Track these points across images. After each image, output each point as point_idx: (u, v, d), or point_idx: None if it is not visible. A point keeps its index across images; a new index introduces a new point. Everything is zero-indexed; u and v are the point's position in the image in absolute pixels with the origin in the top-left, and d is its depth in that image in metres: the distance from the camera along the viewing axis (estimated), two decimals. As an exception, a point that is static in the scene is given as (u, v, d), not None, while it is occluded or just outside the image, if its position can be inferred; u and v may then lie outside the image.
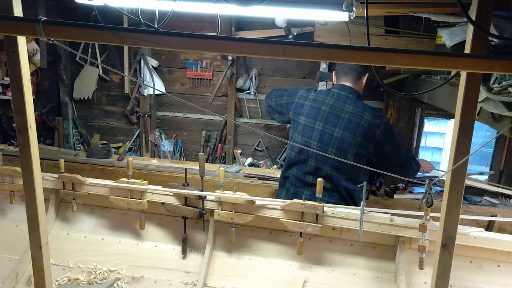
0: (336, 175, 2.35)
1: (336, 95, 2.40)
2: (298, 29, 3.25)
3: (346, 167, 2.32)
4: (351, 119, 2.32)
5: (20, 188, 2.15)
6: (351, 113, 2.33)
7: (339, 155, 2.31)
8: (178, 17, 3.17)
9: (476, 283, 1.92)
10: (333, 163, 2.34)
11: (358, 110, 2.33)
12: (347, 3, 1.61)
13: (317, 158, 2.37)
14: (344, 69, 2.45)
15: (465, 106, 1.36)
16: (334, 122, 2.34)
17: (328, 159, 2.33)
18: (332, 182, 2.37)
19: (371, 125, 2.30)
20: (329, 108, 2.37)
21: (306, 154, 2.41)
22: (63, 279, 2.05)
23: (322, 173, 2.37)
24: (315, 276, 2.03)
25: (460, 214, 1.47)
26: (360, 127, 2.30)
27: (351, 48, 1.11)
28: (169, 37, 1.13)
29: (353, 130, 2.30)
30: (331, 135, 2.34)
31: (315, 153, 2.34)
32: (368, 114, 2.32)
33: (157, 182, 2.94)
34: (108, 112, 3.92)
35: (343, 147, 2.31)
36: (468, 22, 1.26)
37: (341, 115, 2.34)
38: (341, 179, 2.36)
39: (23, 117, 1.50)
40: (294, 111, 2.49)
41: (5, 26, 1.21)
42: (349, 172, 2.34)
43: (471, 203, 3.09)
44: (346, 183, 2.36)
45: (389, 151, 2.33)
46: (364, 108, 2.35)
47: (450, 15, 2.33)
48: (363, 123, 2.30)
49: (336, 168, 2.34)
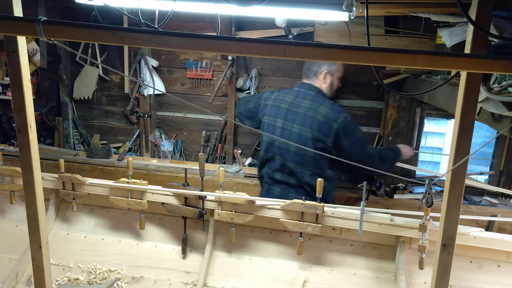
0: (300, 171, 2.39)
1: (295, 93, 2.47)
2: (298, 29, 3.25)
3: (308, 162, 2.36)
4: (307, 113, 2.36)
5: (20, 188, 2.15)
6: (307, 108, 2.38)
7: (300, 150, 2.35)
8: (178, 17, 3.17)
9: (476, 283, 1.92)
10: (295, 159, 2.39)
11: (315, 105, 2.38)
12: (347, 3, 1.61)
13: (282, 155, 2.44)
14: (305, 68, 2.53)
15: (465, 106, 1.36)
16: (292, 118, 2.40)
17: (291, 155, 2.39)
18: (296, 178, 2.42)
19: (327, 118, 2.32)
20: (288, 105, 2.44)
21: (272, 152, 2.48)
22: (63, 279, 2.05)
23: (287, 169, 2.43)
24: (315, 276, 2.03)
25: (460, 214, 1.47)
26: (316, 120, 2.33)
27: (351, 48, 1.11)
28: (169, 37, 1.13)
29: (309, 124, 2.34)
30: (290, 131, 2.39)
31: (279, 150, 2.43)
32: (324, 108, 2.35)
33: (157, 182, 2.94)
34: (108, 112, 3.92)
35: (302, 142, 2.34)
36: (468, 22, 1.26)
37: (298, 110, 2.39)
38: (304, 175, 2.39)
39: (23, 117, 1.50)
40: (261, 112, 2.56)
41: (5, 26, 1.21)
42: (312, 167, 2.37)
43: (471, 203, 3.09)
44: (309, 179, 2.38)
45: (347, 146, 2.32)
46: (321, 103, 2.38)
47: (450, 15, 2.33)
48: (319, 116, 2.33)
49: (298, 164, 2.39)
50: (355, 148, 2.35)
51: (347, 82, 3.39)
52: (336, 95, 2.76)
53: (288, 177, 2.46)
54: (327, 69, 2.49)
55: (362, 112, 3.47)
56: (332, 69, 2.52)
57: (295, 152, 2.38)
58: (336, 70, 2.55)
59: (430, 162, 5.32)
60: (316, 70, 2.49)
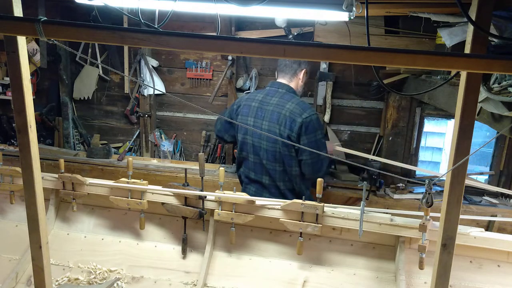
0: (272, 168, 2.42)
1: (266, 91, 2.52)
2: (298, 29, 3.25)
3: (278, 158, 2.40)
4: (274, 110, 2.41)
5: (20, 188, 2.15)
6: (275, 105, 2.42)
7: (270, 146, 2.40)
8: (178, 17, 3.17)
9: (476, 283, 1.92)
10: (267, 156, 2.42)
11: (282, 101, 2.41)
12: (347, 3, 1.61)
13: (255, 153, 2.47)
14: (280, 66, 2.55)
15: (465, 106, 1.36)
16: (261, 115, 2.44)
17: (263, 152, 2.43)
18: (270, 176, 2.45)
19: (292, 113, 2.36)
20: (258, 103, 2.48)
21: (246, 151, 2.51)
22: (63, 279, 2.05)
23: (260, 167, 2.47)
24: (315, 276, 2.03)
25: (460, 214, 1.47)
26: (282, 116, 2.37)
27: (351, 48, 1.11)
28: (169, 37, 1.13)
29: (276, 120, 2.38)
30: (260, 128, 2.42)
31: (252, 148, 2.47)
32: (291, 104, 2.38)
33: (157, 182, 2.94)
34: (108, 112, 3.92)
35: (272, 138, 2.37)
36: (468, 22, 1.26)
37: (267, 108, 2.43)
38: (277, 172, 2.42)
39: (23, 117, 1.50)
40: (236, 114, 2.58)
41: (5, 26, 1.21)
42: (282, 163, 2.41)
43: (471, 203, 3.09)
44: (282, 176, 2.43)
45: (304, 143, 2.34)
46: (289, 99, 2.42)
47: (450, 15, 2.33)
48: (284, 111, 2.37)
49: (270, 160, 2.42)
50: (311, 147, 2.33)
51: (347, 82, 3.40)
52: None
53: (261, 176, 2.49)
54: (305, 67, 2.55)
55: (362, 112, 3.48)
56: (308, 67, 2.59)
57: (266, 149, 2.42)
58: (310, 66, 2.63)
59: (430, 162, 5.32)
60: (296, 68, 2.53)
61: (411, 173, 3.43)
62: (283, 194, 2.45)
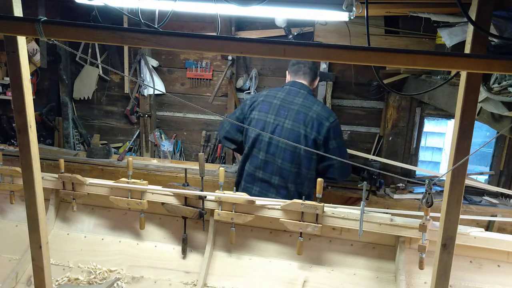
0: (288, 168, 2.38)
1: (287, 90, 2.49)
2: (298, 29, 3.25)
3: (297, 159, 2.36)
4: (300, 110, 2.38)
5: (20, 188, 2.15)
6: (300, 105, 2.40)
7: (290, 147, 2.36)
8: (178, 17, 3.17)
9: (476, 283, 1.92)
10: (284, 155, 2.38)
11: (308, 102, 2.41)
12: (347, 3, 1.61)
13: (268, 151, 2.41)
14: (301, 68, 2.53)
15: (465, 106, 1.36)
16: (285, 114, 2.40)
17: (280, 151, 2.39)
18: (282, 176, 2.40)
19: (320, 116, 2.35)
20: (280, 102, 2.44)
21: (258, 148, 2.45)
22: (63, 279, 2.05)
23: (272, 166, 2.41)
24: (315, 276, 2.02)
25: (460, 214, 1.47)
26: (309, 117, 2.35)
27: (351, 48, 1.11)
28: (169, 37, 1.13)
29: (302, 121, 2.35)
30: (282, 127, 2.38)
31: (267, 146, 2.41)
32: (317, 107, 2.39)
33: (157, 182, 2.94)
34: (108, 112, 3.92)
35: (293, 137, 2.34)
36: (468, 22, 1.26)
37: (291, 107, 2.40)
38: (291, 173, 2.38)
39: (23, 117, 1.50)
40: (249, 110, 2.52)
41: (5, 26, 1.21)
42: (299, 165, 2.38)
43: (471, 203, 3.09)
44: (295, 177, 2.39)
45: (333, 147, 2.35)
46: (314, 101, 2.43)
47: (450, 15, 2.33)
48: (312, 113, 2.36)
49: (287, 160, 2.37)
50: (339, 150, 2.37)
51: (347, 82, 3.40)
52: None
53: (270, 176, 2.42)
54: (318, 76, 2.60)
55: (362, 112, 3.48)
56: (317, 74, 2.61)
57: (284, 148, 2.37)
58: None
59: (430, 162, 5.32)
60: (316, 72, 2.55)
61: (411, 173, 3.43)
62: (292, 196, 2.36)
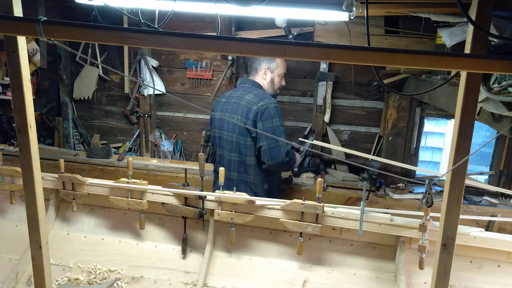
0: (230, 158, 2.54)
1: (235, 88, 2.71)
2: (298, 29, 3.25)
3: (235, 147, 2.52)
4: (236, 101, 2.55)
5: (20, 188, 2.15)
6: (237, 97, 2.56)
7: (229, 136, 2.55)
8: (178, 17, 3.17)
9: (476, 283, 1.92)
10: (226, 146, 2.57)
11: (244, 93, 2.54)
12: (347, 3, 1.61)
13: (219, 145, 2.61)
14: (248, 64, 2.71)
15: (465, 106, 1.36)
16: (226, 108, 2.58)
17: (224, 142, 2.57)
18: (239, 171, 2.55)
19: (249, 103, 2.47)
20: (225, 99, 2.64)
21: (214, 144, 2.68)
22: (63, 279, 2.05)
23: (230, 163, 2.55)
24: (315, 276, 2.02)
25: (460, 214, 1.47)
26: (241, 106, 2.49)
27: (351, 48, 1.11)
28: (169, 37, 1.13)
29: (235, 111, 2.51)
30: (223, 120, 2.56)
31: (218, 141, 2.62)
32: (250, 95, 2.51)
33: (157, 182, 2.94)
34: (108, 112, 3.92)
35: (231, 127, 2.52)
36: (468, 22, 1.26)
37: (231, 101, 2.58)
38: (232, 162, 2.54)
39: (23, 117, 1.50)
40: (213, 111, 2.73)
41: (5, 26, 1.21)
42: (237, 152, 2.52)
43: (471, 203, 3.09)
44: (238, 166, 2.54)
45: (261, 129, 2.41)
46: (249, 91, 2.55)
47: (450, 15, 2.33)
48: (243, 102, 2.50)
49: (228, 150, 2.55)
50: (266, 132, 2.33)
51: (347, 82, 3.40)
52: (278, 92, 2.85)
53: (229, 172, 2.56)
54: (266, 66, 2.62)
55: (362, 112, 3.48)
56: (271, 65, 2.64)
57: (225, 139, 2.54)
58: (277, 66, 2.66)
59: (430, 162, 5.32)
60: (256, 67, 2.64)
61: (411, 173, 3.43)
62: (237, 185, 2.41)
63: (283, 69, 2.71)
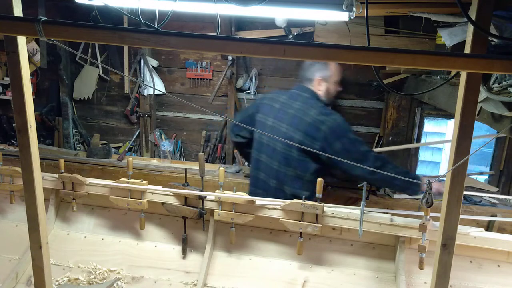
0: (283, 171, 2.37)
1: (290, 94, 2.47)
2: (298, 29, 3.25)
3: (292, 162, 2.34)
4: (296, 114, 2.35)
5: (20, 188, 2.15)
6: (297, 109, 2.36)
7: (286, 150, 2.34)
8: (178, 17, 3.17)
9: (476, 283, 1.92)
10: (279, 158, 2.37)
11: (305, 107, 2.35)
12: (347, 3, 1.61)
13: (268, 154, 2.42)
14: (300, 73, 2.52)
15: (465, 106, 1.36)
16: (282, 118, 2.39)
17: (276, 154, 2.38)
18: (278, 179, 2.40)
19: (315, 121, 2.28)
20: (280, 105, 2.43)
21: (259, 150, 2.47)
22: (63, 279, 2.05)
23: (269, 169, 2.41)
24: (315, 276, 2.03)
25: (460, 214, 1.47)
26: (304, 122, 2.30)
27: (351, 48, 1.11)
28: (169, 37, 1.13)
29: (296, 125, 2.31)
30: (278, 130, 2.37)
31: (267, 148, 2.42)
32: (314, 111, 2.32)
33: (157, 182, 2.94)
34: (108, 112, 3.92)
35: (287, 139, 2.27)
36: (468, 22, 1.26)
37: (288, 111, 2.38)
38: (287, 176, 2.36)
39: (23, 117, 1.49)
40: (256, 111, 2.54)
41: (5, 26, 1.21)
42: (295, 168, 2.34)
43: (471, 203, 3.08)
44: (290, 180, 2.36)
45: (340, 148, 2.23)
46: (312, 105, 2.36)
47: (450, 15, 2.33)
48: (307, 118, 2.30)
49: (283, 164, 2.37)
50: (349, 148, 2.24)
51: (347, 82, 3.40)
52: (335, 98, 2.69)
53: (268, 178, 2.44)
54: (320, 76, 2.44)
55: (362, 112, 3.48)
56: (325, 75, 2.45)
57: (280, 151, 2.37)
58: (331, 75, 2.49)
59: (430, 162, 5.31)
60: (310, 77, 2.45)
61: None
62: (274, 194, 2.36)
63: (338, 75, 2.54)
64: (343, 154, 2.19)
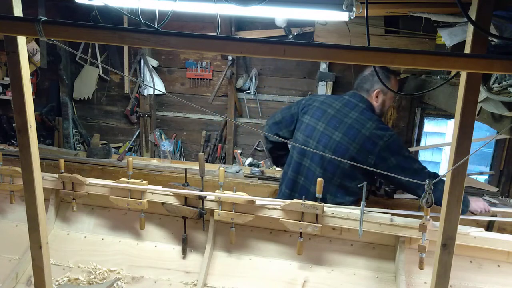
0: (328, 179, 2.24)
1: (345, 101, 2.36)
2: (298, 29, 3.25)
3: (340, 172, 2.25)
4: (353, 125, 2.25)
5: (20, 188, 2.15)
6: (354, 120, 2.26)
7: (336, 160, 2.19)
8: (178, 17, 3.18)
9: (476, 283, 1.92)
10: (327, 166, 2.27)
11: (362, 118, 2.26)
12: (347, 3, 1.61)
13: (312, 159, 2.32)
14: (357, 83, 2.41)
15: (465, 106, 1.36)
16: (336, 126, 2.28)
17: (323, 161, 2.28)
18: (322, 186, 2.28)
19: (372, 135, 2.20)
20: (334, 112, 2.32)
21: (302, 154, 2.36)
22: (63, 279, 2.05)
23: (313, 175, 2.31)
24: (315, 276, 2.02)
25: (460, 214, 1.47)
26: (361, 134, 2.21)
27: (351, 48, 1.11)
28: (169, 37, 1.13)
29: (353, 136, 2.22)
30: (330, 137, 2.28)
31: (312, 153, 2.30)
32: (372, 124, 2.23)
33: (157, 182, 2.94)
34: (108, 112, 3.92)
35: (340, 151, 2.22)
36: (468, 22, 1.26)
37: (344, 119, 2.28)
38: (331, 185, 2.27)
39: (23, 117, 1.49)
40: (302, 112, 2.43)
41: (5, 26, 1.21)
42: (342, 178, 2.26)
43: (471, 203, 3.08)
44: (335, 190, 2.28)
45: (394, 164, 2.17)
46: (369, 118, 2.26)
47: (450, 15, 2.33)
48: (365, 131, 2.21)
49: (330, 171, 2.27)
50: (403, 165, 2.18)
51: (347, 82, 3.40)
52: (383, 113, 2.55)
53: (310, 184, 2.33)
54: (379, 88, 2.35)
55: (362, 112, 3.47)
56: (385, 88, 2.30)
57: (329, 159, 2.26)
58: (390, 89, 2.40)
59: (430, 162, 5.32)
60: (368, 88, 2.36)
61: (411, 173, 3.42)
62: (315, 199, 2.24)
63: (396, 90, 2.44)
64: (397, 170, 2.12)
